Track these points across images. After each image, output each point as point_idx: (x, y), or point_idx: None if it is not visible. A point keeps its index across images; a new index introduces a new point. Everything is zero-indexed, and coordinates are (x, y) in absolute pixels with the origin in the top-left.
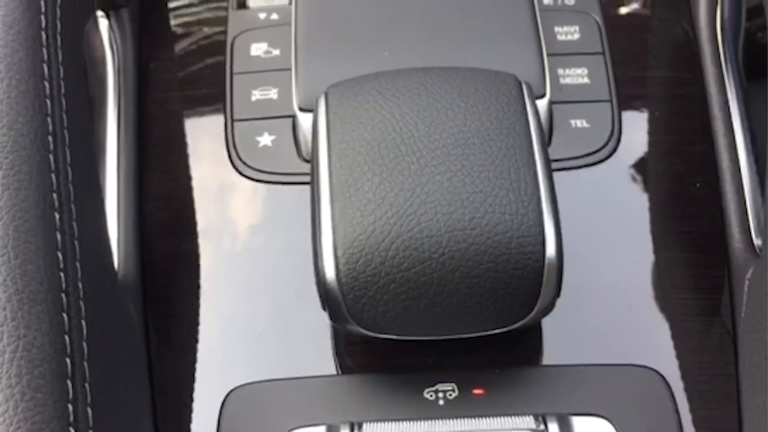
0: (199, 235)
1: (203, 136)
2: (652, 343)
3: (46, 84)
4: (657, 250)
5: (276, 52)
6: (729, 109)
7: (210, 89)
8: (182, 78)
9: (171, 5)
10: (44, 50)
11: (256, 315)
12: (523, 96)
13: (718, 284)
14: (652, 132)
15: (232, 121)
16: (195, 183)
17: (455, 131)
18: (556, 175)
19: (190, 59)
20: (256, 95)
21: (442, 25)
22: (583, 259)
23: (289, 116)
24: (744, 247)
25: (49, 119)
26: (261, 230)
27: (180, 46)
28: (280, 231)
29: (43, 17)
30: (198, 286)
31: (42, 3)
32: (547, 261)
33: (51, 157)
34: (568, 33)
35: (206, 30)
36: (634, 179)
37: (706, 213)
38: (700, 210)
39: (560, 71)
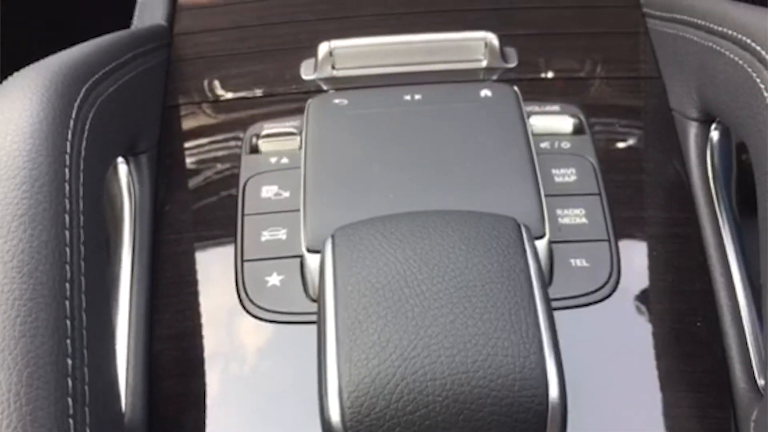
0: (207, 375)
1: (214, 277)
2: None
3: (67, 233)
4: (661, 390)
5: (286, 194)
6: (724, 248)
7: (222, 230)
8: (196, 219)
9: (187, 150)
10: (66, 201)
11: None
12: (522, 238)
13: (724, 427)
14: (650, 271)
15: (242, 261)
16: (204, 323)
17: (457, 274)
18: (557, 314)
19: (204, 201)
20: (266, 236)
21: (443, 169)
22: (587, 399)
23: (297, 256)
24: (747, 387)
25: (67, 267)
26: (268, 370)
27: (195, 189)
28: (287, 371)
29: (67, 170)
30: (204, 427)
31: (66, 157)
32: (550, 403)
33: (67, 303)
34: (565, 175)
35: (220, 174)
36: (635, 318)
37: (709, 352)
38: (703, 349)
39: (558, 212)
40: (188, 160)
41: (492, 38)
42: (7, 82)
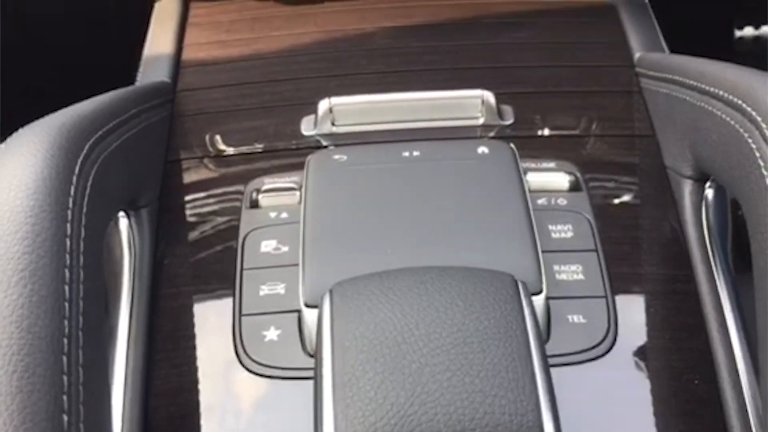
0: (203, 431)
1: (211, 331)
2: None
3: (67, 288)
4: None
5: (285, 248)
6: (722, 305)
7: (220, 284)
8: (195, 274)
9: (188, 205)
10: (67, 256)
11: None
12: (519, 295)
13: None
14: (647, 328)
15: (240, 315)
16: (201, 378)
17: (454, 330)
18: (554, 371)
19: (203, 256)
20: (265, 290)
21: (441, 225)
22: None
23: (295, 311)
24: None
25: (66, 322)
26: (265, 425)
27: (194, 243)
28: (283, 427)
29: (68, 225)
30: None
31: (69, 212)
32: None
33: (65, 359)
34: (561, 231)
35: (220, 228)
36: (632, 375)
37: (707, 410)
38: (701, 407)
39: (556, 268)
40: (188, 215)
41: (489, 96)
42: (13, 137)
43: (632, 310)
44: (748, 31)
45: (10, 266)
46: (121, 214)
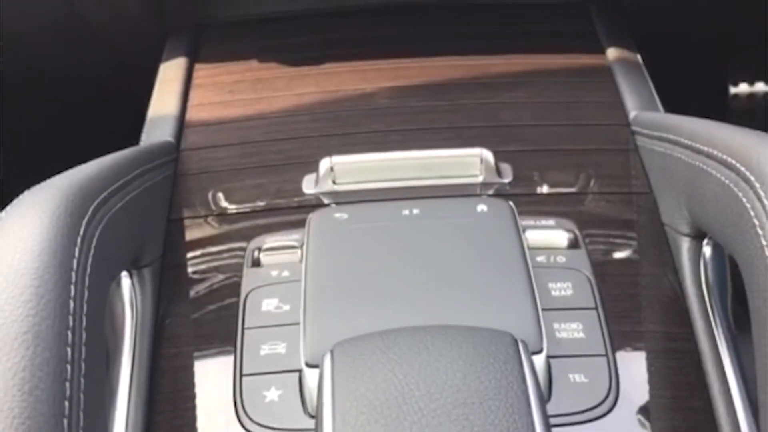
0: None
1: (211, 391)
2: None
3: (69, 350)
4: None
5: (286, 307)
6: (722, 363)
7: (221, 344)
8: (196, 333)
9: (190, 264)
10: (70, 318)
11: None
12: (519, 354)
13: None
14: (649, 387)
15: (241, 375)
16: None
17: (455, 390)
18: (556, 431)
19: (205, 315)
20: (265, 350)
21: (441, 283)
22: None
23: (296, 371)
24: None
25: (67, 384)
26: None
27: (196, 303)
28: None
29: (72, 287)
30: None
31: (73, 274)
32: None
33: (65, 421)
34: (561, 289)
35: (221, 287)
36: None
37: None
38: None
39: (556, 326)
40: (190, 274)
41: (487, 154)
42: (19, 199)
43: (633, 369)
44: (743, 87)
45: (14, 329)
46: (124, 273)
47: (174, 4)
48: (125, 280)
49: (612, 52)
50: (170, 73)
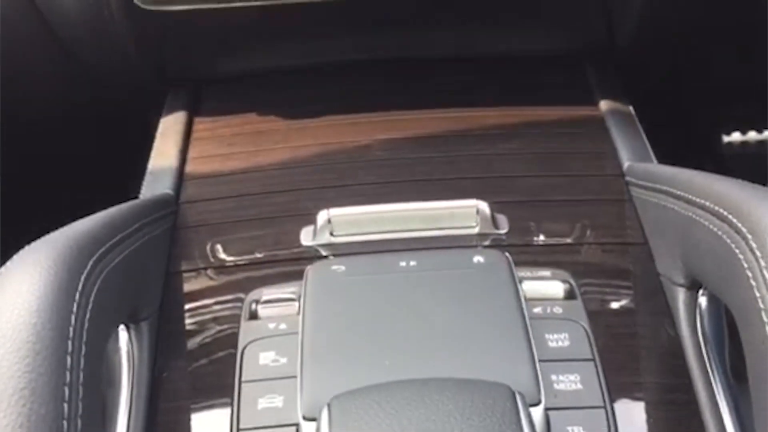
0: None
1: None
2: None
3: (65, 406)
4: None
5: (283, 360)
6: (721, 415)
7: (218, 398)
8: (193, 387)
9: (188, 317)
10: (67, 373)
11: None
12: (517, 407)
13: None
14: None
15: (238, 429)
16: None
17: None
18: None
19: (202, 369)
20: (263, 403)
21: (438, 335)
22: None
23: (293, 425)
24: None
25: None
26: None
27: (193, 356)
28: None
29: (69, 343)
30: None
31: (70, 329)
32: None
33: None
34: (558, 340)
35: (219, 340)
36: None
37: None
38: None
39: (553, 377)
40: (188, 326)
41: (483, 206)
42: (17, 256)
43: (632, 421)
44: (736, 136)
45: (11, 384)
46: (121, 327)
47: (175, 60)
48: (122, 334)
49: (605, 104)
50: (170, 127)
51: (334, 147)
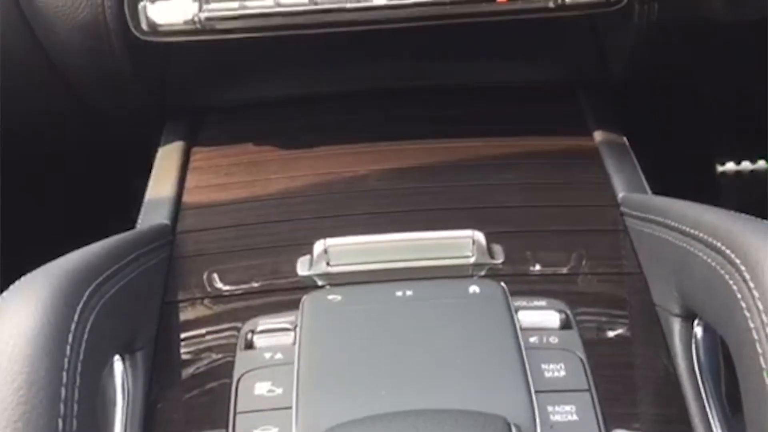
0: None
1: None
2: None
3: None
4: None
5: (279, 390)
6: None
7: (213, 429)
8: (187, 418)
9: (183, 347)
10: (61, 405)
11: None
12: None
13: None
14: None
15: None
16: None
17: None
18: None
19: (197, 399)
20: None
21: (434, 366)
22: None
23: None
24: None
25: None
26: None
27: (188, 386)
28: None
29: (64, 374)
30: None
31: (66, 360)
32: None
33: None
34: (554, 370)
35: (214, 371)
36: None
37: None
38: None
39: (549, 408)
40: (184, 356)
41: (479, 236)
42: (14, 286)
43: None
44: (730, 166)
45: (5, 416)
46: (116, 357)
47: (174, 90)
48: (117, 364)
49: (599, 134)
50: (168, 156)
51: (331, 177)
